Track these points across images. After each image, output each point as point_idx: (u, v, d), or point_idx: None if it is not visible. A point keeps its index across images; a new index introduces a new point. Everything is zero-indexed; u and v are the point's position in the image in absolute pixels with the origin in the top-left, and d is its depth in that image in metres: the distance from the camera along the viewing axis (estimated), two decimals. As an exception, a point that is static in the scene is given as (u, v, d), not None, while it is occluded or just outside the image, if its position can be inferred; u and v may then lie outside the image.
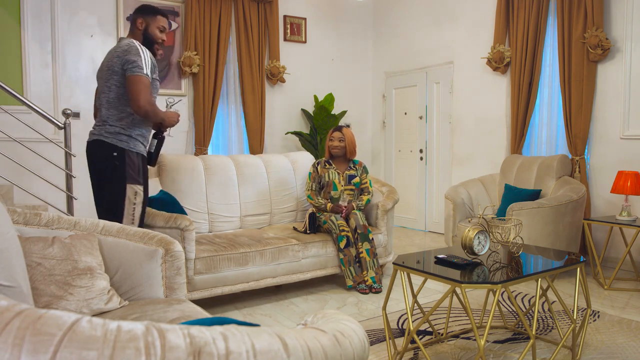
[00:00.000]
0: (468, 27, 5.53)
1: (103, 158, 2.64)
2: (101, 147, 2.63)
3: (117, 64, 2.63)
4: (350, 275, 3.64)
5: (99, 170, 2.67)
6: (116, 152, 2.62)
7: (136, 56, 2.60)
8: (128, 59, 2.60)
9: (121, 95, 2.65)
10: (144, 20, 2.80)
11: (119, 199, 2.63)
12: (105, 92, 2.67)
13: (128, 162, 2.64)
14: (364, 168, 4.07)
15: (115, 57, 2.64)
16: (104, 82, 2.68)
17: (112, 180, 2.63)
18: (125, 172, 2.63)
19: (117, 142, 2.63)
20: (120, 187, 2.63)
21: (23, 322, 0.67)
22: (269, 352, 0.78)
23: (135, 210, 2.66)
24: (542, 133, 4.93)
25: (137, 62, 2.59)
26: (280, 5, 5.96)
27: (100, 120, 2.69)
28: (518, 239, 2.59)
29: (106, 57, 2.73)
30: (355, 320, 1.02)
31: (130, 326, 0.71)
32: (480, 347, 2.01)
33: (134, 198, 2.66)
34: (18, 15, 4.58)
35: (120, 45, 2.68)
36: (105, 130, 2.64)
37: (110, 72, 2.65)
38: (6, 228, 1.50)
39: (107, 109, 2.66)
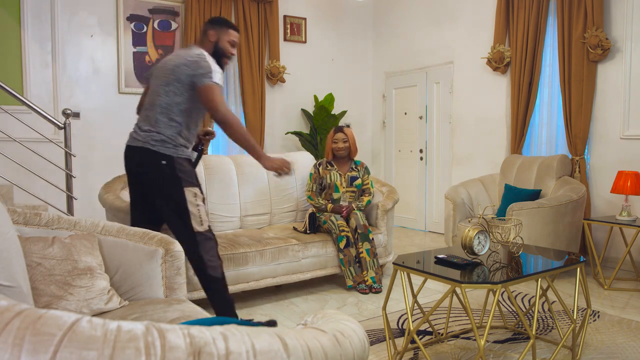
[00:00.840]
0: (468, 27, 5.53)
1: (152, 167, 2.56)
2: (148, 155, 2.55)
3: (184, 72, 2.55)
4: (350, 275, 3.64)
5: (149, 178, 2.59)
6: (165, 160, 2.55)
7: (207, 67, 2.56)
8: (199, 72, 2.54)
9: (175, 104, 2.58)
10: (216, 33, 2.76)
11: (181, 205, 2.56)
12: (160, 94, 2.58)
13: (178, 167, 2.57)
14: (365, 169, 4.07)
15: (182, 64, 2.56)
16: (163, 85, 2.58)
17: (167, 189, 2.57)
18: (178, 177, 2.56)
19: (164, 149, 2.55)
20: (179, 193, 2.56)
21: (23, 322, 0.67)
22: (269, 352, 0.78)
23: (201, 211, 2.61)
24: (542, 133, 4.93)
25: (209, 72, 2.55)
26: (280, 5, 5.96)
27: (147, 124, 2.59)
28: (518, 239, 2.59)
29: (171, 59, 2.62)
30: (355, 320, 1.02)
31: (130, 326, 0.71)
32: (480, 347, 2.01)
33: (195, 199, 2.60)
34: (18, 15, 4.58)
35: (190, 54, 2.59)
36: (152, 138, 2.56)
37: (174, 78, 2.56)
38: (6, 228, 1.50)
39: (159, 113, 2.57)
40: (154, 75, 2.70)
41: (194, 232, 2.57)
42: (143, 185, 2.66)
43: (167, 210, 2.60)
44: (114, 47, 5.06)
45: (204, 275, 2.63)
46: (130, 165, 2.67)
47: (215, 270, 2.63)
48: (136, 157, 2.61)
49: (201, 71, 2.54)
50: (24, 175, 4.18)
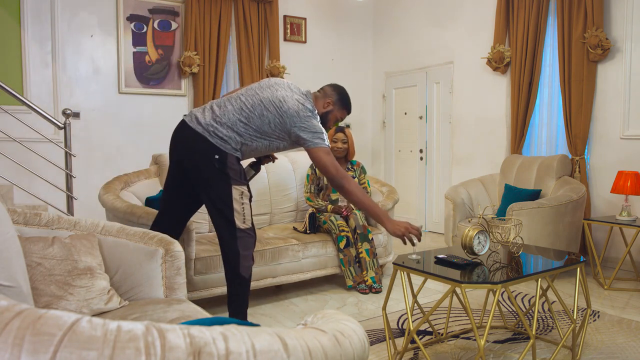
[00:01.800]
0: (468, 27, 5.53)
1: (204, 158, 2.52)
2: (204, 143, 2.51)
3: (291, 116, 2.53)
4: (350, 276, 3.64)
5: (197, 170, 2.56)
6: (218, 155, 2.52)
7: (315, 127, 2.57)
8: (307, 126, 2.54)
9: (261, 131, 2.56)
10: (332, 105, 2.78)
11: (227, 202, 2.54)
12: (255, 114, 2.54)
13: (229, 164, 2.55)
14: (362, 168, 4.07)
15: (294, 109, 2.54)
16: (263, 107, 2.55)
17: (215, 184, 2.55)
18: (227, 174, 2.54)
19: (221, 145, 2.53)
20: (226, 189, 2.54)
21: (23, 322, 0.67)
22: (269, 352, 0.78)
23: (245, 209, 2.59)
24: (542, 133, 4.93)
25: (317, 131, 2.56)
26: (280, 5, 5.96)
27: (221, 119, 2.54)
28: (518, 239, 2.59)
29: (281, 91, 2.59)
30: (355, 320, 1.02)
31: (130, 326, 0.71)
32: (480, 347, 2.01)
33: (241, 198, 2.57)
34: (18, 15, 4.58)
35: (304, 105, 2.58)
36: (215, 131, 2.52)
37: (278, 113, 2.54)
38: (6, 228, 1.50)
39: (241, 121, 2.54)
40: (258, 85, 2.65)
41: (236, 227, 2.56)
42: (187, 167, 2.60)
43: (211, 205, 2.59)
44: (114, 47, 5.06)
45: (234, 273, 2.59)
46: (177, 142, 2.62)
47: (247, 271, 2.61)
48: (192, 140, 2.54)
49: (312, 130, 2.54)
50: (24, 175, 4.18)
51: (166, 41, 5.32)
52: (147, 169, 3.76)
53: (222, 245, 2.61)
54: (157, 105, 5.29)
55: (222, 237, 2.59)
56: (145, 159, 4.30)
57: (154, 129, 5.21)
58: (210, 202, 2.59)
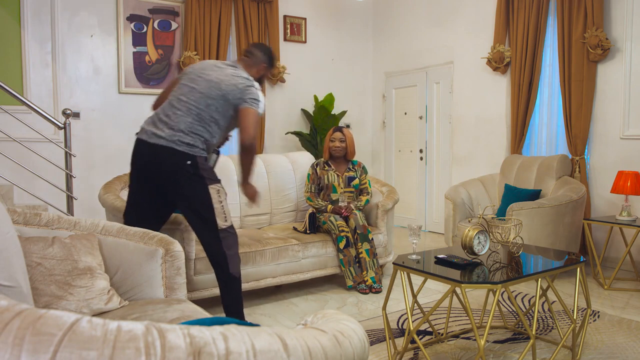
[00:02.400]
0: (468, 27, 5.53)
1: (177, 167, 2.55)
2: (173, 155, 2.54)
3: (233, 92, 2.60)
4: (350, 276, 3.63)
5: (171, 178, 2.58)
6: (190, 161, 2.55)
7: (257, 97, 2.64)
8: (248, 95, 2.61)
9: (214, 120, 2.61)
10: (267, 69, 2.87)
11: (206, 203, 2.57)
12: (201, 105, 2.58)
13: (201, 166, 2.58)
14: (363, 168, 4.07)
15: (233, 84, 2.60)
16: (205, 97, 2.59)
17: (192, 188, 2.57)
18: (202, 176, 2.57)
19: (188, 150, 2.55)
20: (204, 192, 2.57)
21: (23, 322, 0.67)
22: (269, 352, 0.78)
23: (224, 206, 2.63)
24: (542, 133, 4.93)
25: (258, 99, 2.64)
26: (280, 5, 5.96)
27: (177, 125, 2.56)
28: (518, 239, 2.59)
29: (216, 73, 2.64)
30: (355, 320, 1.02)
31: (130, 326, 0.71)
32: (480, 347, 2.01)
33: (218, 196, 2.61)
34: (18, 15, 4.58)
35: (240, 75, 2.65)
36: (180, 140, 2.54)
37: (220, 96, 2.59)
38: (6, 228, 1.50)
39: (196, 121, 2.57)
40: (188, 79, 2.67)
41: (218, 229, 2.58)
42: (159, 183, 2.61)
43: (190, 210, 2.60)
44: (114, 47, 5.06)
45: (224, 273, 2.61)
46: (146, 161, 2.61)
47: (236, 269, 2.64)
48: (160, 155, 2.55)
49: (250, 96, 2.62)
50: (24, 175, 4.18)
51: (166, 41, 5.32)
52: (147, 169, 3.75)
53: (207, 251, 2.63)
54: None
55: (206, 242, 2.61)
56: (145, 159, 4.29)
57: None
58: (190, 209, 2.61)
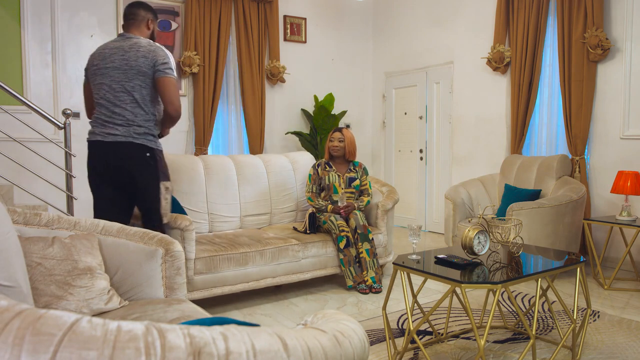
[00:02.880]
0: (468, 27, 5.53)
1: (135, 159, 2.59)
2: (132, 148, 2.58)
3: (144, 64, 2.58)
4: (350, 276, 3.63)
5: (128, 171, 2.61)
6: (149, 153, 2.60)
7: (166, 58, 2.61)
8: (159, 61, 2.59)
9: (146, 96, 2.62)
10: (152, 22, 2.79)
11: (155, 198, 2.64)
12: (127, 91, 2.60)
13: (159, 160, 2.65)
14: (364, 169, 4.07)
15: (140, 56, 2.59)
16: (124, 81, 2.60)
17: (149, 182, 2.62)
18: (158, 170, 2.64)
19: (147, 142, 2.60)
20: (155, 186, 2.64)
21: (23, 322, 0.67)
22: (269, 352, 0.78)
23: (167, 204, 2.72)
24: (542, 133, 4.93)
25: (169, 64, 2.61)
26: (280, 5, 5.96)
27: (124, 120, 2.60)
28: (518, 239, 2.59)
29: (117, 54, 2.63)
30: (355, 320, 1.02)
31: (130, 326, 0.71)
32: (480, 347, 2.01)
33: (166, 193, 2.69)
34: (18, 15, 4.58)
35: (140, 44, 2.62)
36: (134, 132, 2.59)
37: (135, 72, 2.58)
38: (6, 228, 1.50)
39: (133, 108, 2.61)
40: (101, 73, 2.67)
41: (162, 222, 2.71)
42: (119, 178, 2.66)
43: (143, 201, 2.68)
44: (114, 47, 5.05)
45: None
46: (107, 160, 2.64)
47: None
48: (120, 151, 2.60)
49: (162, 61, 2.60)
50: (24, 175, 4.18)
51: (166, 41, 5.32)
52: (147, 169, 3.76)
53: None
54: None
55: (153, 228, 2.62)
56: (145, 159, 4.29)
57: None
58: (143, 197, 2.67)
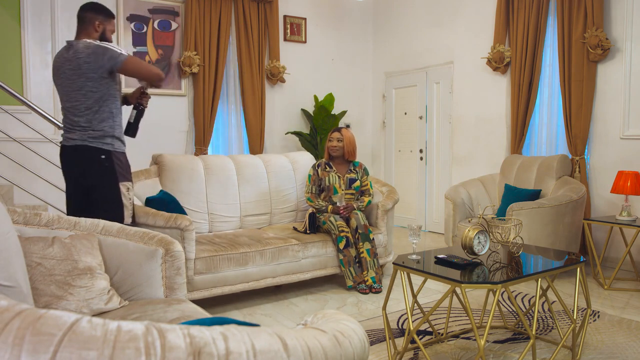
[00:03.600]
0: (468, 27, 5.53)
1: (91, 162, 2.67)
2: (87, 151, 2.66)
3: (89, 69, 2.60)
4: (350, 276, 3.63)
5: (87, 174, 2.70)
6: (104, 155, 2.68)
7: (107, 50, 2.61)
8: (103, 58, 2.60)
9: (100, 98, 2.67)
10: (101, 23, 2.78)
11: (117, 199, 2.70)
12: (79, 99, 2.66)
13: (116, 162, 2.71)
14: (364, 170, 4.07)
15: (83, 62, 2.60)
16: (76, 90, 2.65)
17: (105, 184, 2.69)
18: (115, 172, 2.70)
19: (102, 145, 2.68)
20: (115, 188, 2.70)
21: (23, 322, 0.67)
22: (269, 352, 0.78)
23: (131, 205, 2.80)
24: (542, 133, 4.93)
25: (113, 53, 2.61)
26: (280, 5, 5.95)
27: (80, 126, 2.68)
28: (518, 239, 2.59)
29: (65, 65, 2.65)
30: (355, 320, 1.02)
31: (130, 326, 0.71)
32: (480, 347, 2.01)
33: (128, 194, 2.76)
34: (18, 15, 4.58)
35: (80, 51, 2.62)
36: (89, 135, 2.66)
37: (84, 79, 2.62)
38: (6, 228, 1.50)
39: (86, 114, 2.67)
40: (58, 83, 2.74)
41: (123, 222, 2.73)
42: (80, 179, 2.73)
43: (105, 203, 2.71)
44: (114, 47, 5.05)
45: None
46: (68, 162, 2.74)
47: None
48: (76, 154, 2.69)
49: (106, 58, 2.60)
50: (24, 175, 4.18)
51: (166, 41, 5.32)
52: (147, 169, 3.77)
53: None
54: (157, 105, 5.27)
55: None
56: (145, 159, 4.29)
57: (154, 129, 5.21)
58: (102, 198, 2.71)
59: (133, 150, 5.06)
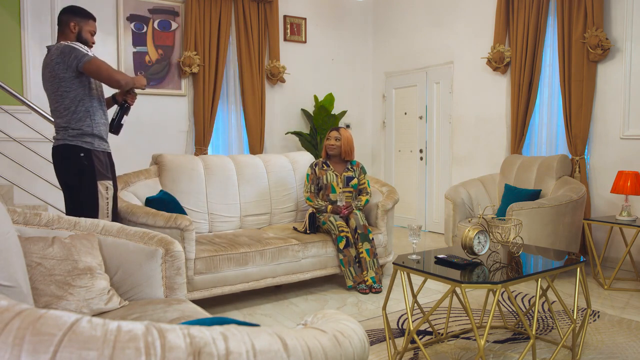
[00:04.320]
0: (468, 27, 5.53)
1: (71, 160, 2.72)
2: (67, 150, 2.71)
3: (60, 69, 2.67)
4: (350, 276, 3.63)
5: (68, 172, 2.74)
6: (83, 153, 2.72)
7: (73, 50, 2.66)
8: (69, 58, 2.64)
9: (74, 98, 2.71)
10: (77, 24, 2.82)
11: (92, 197, 2.73)
12: (58, 100, 2.72)
13: (95, 160, 2.74)
14: (361, 169, 4.07)
15: (55, 64, 2.67)
16: (54, 92, 2.73)
17: (82, 180, 2.72)
18: (94, 170, 2.73)
19: (82, 143, 2.72)
20: (91, 185, 2.73)
21: (23, 322, 0.67)
22: (269, 352, 0.78)
23: (109, 204, 2.79)
24: (542, 133, 4.93)
25: (78, 53, 2.65)
26: (280, 5, 5.96)
27: (62, 127, 2.74)
28: (518, 239, 2.59)
29: (44, 69, 2.75)
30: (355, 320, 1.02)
31: (130, 326, 0.71)
32: (480, 347, 2.01)
33: (106, 193, 2.77)
34: (18, 15, 4.58)
35: (52, 53, 2.71)
36: (68, 135, 2.72)
37: (58, 80, 2.68)
38: (6, 228, 1.50)
39: (65, 115, 2.72)
40: (44, 88, 2.82)
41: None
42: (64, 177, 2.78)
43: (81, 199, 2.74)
44: (114, 47, 5.06)
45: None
46: (55, 161, 2.80)
47: None
48: (57, 154, 2.75)
49: (71, 57, 2.65)
50: (24, 175, 4.18)
51: (166, 41, 5.32)
52: (147, 169, 3.76)
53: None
54: (157, 106, 5.29)
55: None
56: (145, 159, 4.30)
57: (153, 129, 5.21)
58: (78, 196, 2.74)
59: (133, 150, 5.09)
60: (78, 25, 2.82)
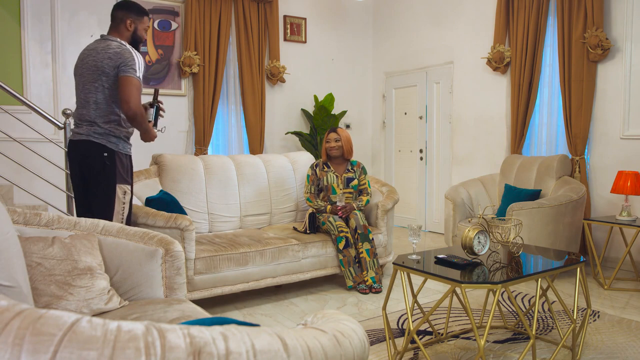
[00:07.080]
0: (468, 27, 5.53)
1: (93, 158, 2.67)
2: (91, 147, 2.66)
3: (108, 65, 2.63)
4: (350, 276, 3.64)
5: (88, 170, 2.70)
6: (107, 153, 2.67)
7: (130, 59, 2.63)
8: (122, 61, 2.62)
9: (109, 97, 2.68)
10: (133, 22, 2.79)
11: (109, 199, 2.68)
12: (92, 92, 2.68)
13: (118, 163, 2.70)
14: (362, 169, 4.07)
15: (106, 57, 2.64)
16: (91, 82, 2.68)
17: (102, 181, 2.68)
18: (115, 172, 2.69)
19: (106, 142, 2.68)
20: (110, 187, 2.68)
21: (23, 322, 0.67)
22: (269, 352, 0.78)
23: (124, 210, 2.74)
24: (542, 133, 4.93)
25: (131, 64, 2.63)
26: (280, 5, 5.95)
27: (87, 121, 2.69)
28: (518, 239, 2.59)
29: (91, 55, 2.69)
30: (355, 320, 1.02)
31: (130, 326, 0.71)
32: (480, 347, 2.01)
33: (123, 197, 2.73)
34: (18, 15, 4.58)
35: (110, 46, 2.66)
36: (94, 131, 2.67)
37: (99, 73, 2.65)
38: (6, 228, 1.50)
39: (95, 109, 2.68)
40: (78, 74, 2.76)
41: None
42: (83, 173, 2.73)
43: (97, 199, 2.71)
44: (114, 47, 5.05)
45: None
46: (75, 156, 2.74)
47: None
48: (81, 148, 2.70)
49: (123, 62, 2.62)
50: (24, 175, 4.18)
51: (166, 41, 5.32)
52: (147, 169, 3.77)
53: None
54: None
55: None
56: (145, 159, 4.30)
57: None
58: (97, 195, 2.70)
59: (133, 150, 5.06)
60: (134, 23, 2.79)
